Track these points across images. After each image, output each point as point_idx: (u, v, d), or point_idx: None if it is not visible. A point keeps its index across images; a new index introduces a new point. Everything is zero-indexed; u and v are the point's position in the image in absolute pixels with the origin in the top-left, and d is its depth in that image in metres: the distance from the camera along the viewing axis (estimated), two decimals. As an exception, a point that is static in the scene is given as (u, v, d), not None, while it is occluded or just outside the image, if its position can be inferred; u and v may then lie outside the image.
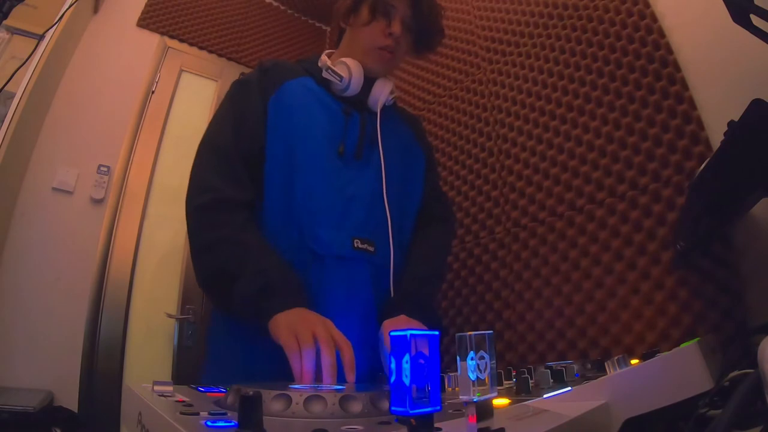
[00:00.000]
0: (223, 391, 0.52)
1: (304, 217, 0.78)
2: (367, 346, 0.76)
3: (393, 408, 0.26)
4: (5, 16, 0.96)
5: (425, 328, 0.72)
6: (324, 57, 0.91)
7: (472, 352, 0.28)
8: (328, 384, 0.56)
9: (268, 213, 0.80)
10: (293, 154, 0.81)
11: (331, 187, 0.81)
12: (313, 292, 0.74)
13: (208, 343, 0.85)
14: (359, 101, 0.90)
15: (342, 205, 0.81)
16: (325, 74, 0.88)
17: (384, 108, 0.93)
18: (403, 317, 0.75)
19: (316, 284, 0.75)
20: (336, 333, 0.63)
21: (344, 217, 0.80)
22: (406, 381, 0.26)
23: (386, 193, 0.85)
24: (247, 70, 2.20)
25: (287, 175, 0.80)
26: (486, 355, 0.29)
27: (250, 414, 0.28)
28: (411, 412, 0.26)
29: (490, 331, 0.29)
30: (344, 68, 0.88)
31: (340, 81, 0.87)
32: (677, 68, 0.97)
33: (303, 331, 0.61)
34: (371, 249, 0.81)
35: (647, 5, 1.06)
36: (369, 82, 0.91)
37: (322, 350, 0.59)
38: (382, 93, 0.92)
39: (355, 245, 0.79)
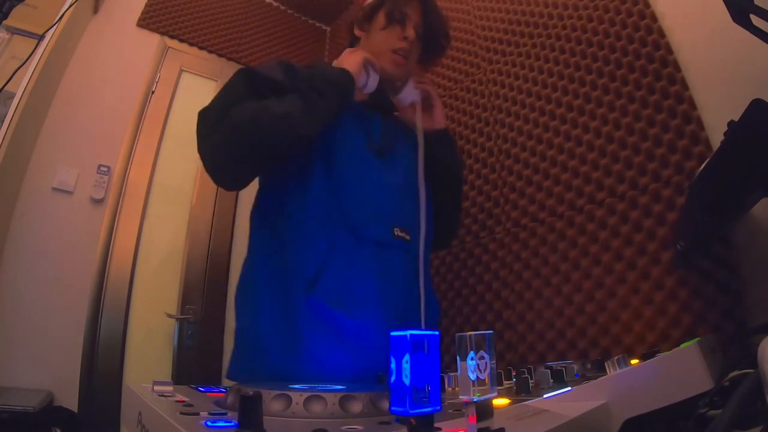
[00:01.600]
0: (223, 391, 0.52)
1: (348, 207, 0.83)
2: (405, 327, 0.77)
3: (393, 408, 0.26)
4: (5, 16, 0.96)
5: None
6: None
7: (472, 352, 0.28)
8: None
9: (312, 200, 0.84)
10: (332, 151, 0.86)
11: (369, 180, 0.87)
12: (358, 274, 0.80)
13: (236, 333, 0.87)
14: (374, 104, 0.97)
15: (380, 196, 0.87)
16: None
17: (395, 114, 1.02)
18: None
19: (360, 267, 0.81)
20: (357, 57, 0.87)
21: (383, 208, 0.87)
22: (406, 381, 0.26)
23: (419, 182, 0.91)
24: (247, 70, 2.21)
25: (328, 168, 0.85)
26: (486, 355, 0.29)
27: (250, 414, 0.28)
28: (411, 412, 0.26)
29: (490, 331, 0.30)
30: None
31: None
32: (677, 68, 0.97)
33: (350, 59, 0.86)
34: (407, 237, 0.88)
35: (647, 5, 1.06)
36: (383, 85, 0.97)
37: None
38: (412, 92, 1.01)
39: (395, 233, 0.86)
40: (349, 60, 0.87)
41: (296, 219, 0.83)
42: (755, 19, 0.60)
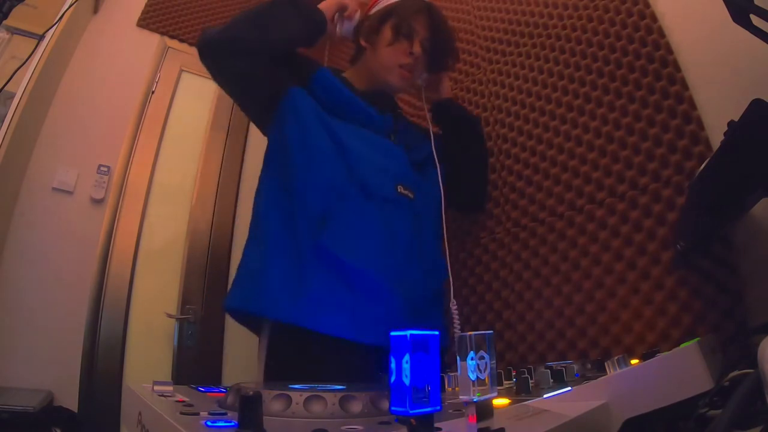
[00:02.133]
0: (223, 391, 0.52)
1: (353, 161, 0.88)
2: (407, 284, 0.85)
3: (393, 408, 0.26)
4: (5, 16, 0.96)
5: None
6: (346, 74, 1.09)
7: (472, 352, 0.28)
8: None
9: (320, 155, 0.88)
10: (341, 123, 0.92)
11: (374, 144, 0.93)
12: (363, 225, 0.84)
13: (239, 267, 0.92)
14: (384, 108, 1.01)
15: (385, 158, 0.93)
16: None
17: (398, 112, 1.09)
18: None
19: (366, 219, 0.85)
20: None
21: (388, 167, 0.92)
22: (406, 381, 0.26)
23: (435, 149, 1.02)
24: (247, 70, 2.21)
25: (335, 133, 0.90)
26: (486, 355, 0.29)
27: (250, 414, 0.28)
28: (411, 412, 0.26)
29: (490, 331, 0.29)
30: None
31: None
32: (677, 68, 0.97)
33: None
34: (411, 195, 0.93)
35: (647, 5, 1.06)
36: (387, 95, 1.05)
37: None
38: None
39: (399, 190, 0.91)
40: (324, 4, 0.97)
41: (302, 169, 0.87)
42: (755, 19, 0.60)
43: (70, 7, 1.42)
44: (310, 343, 0.74)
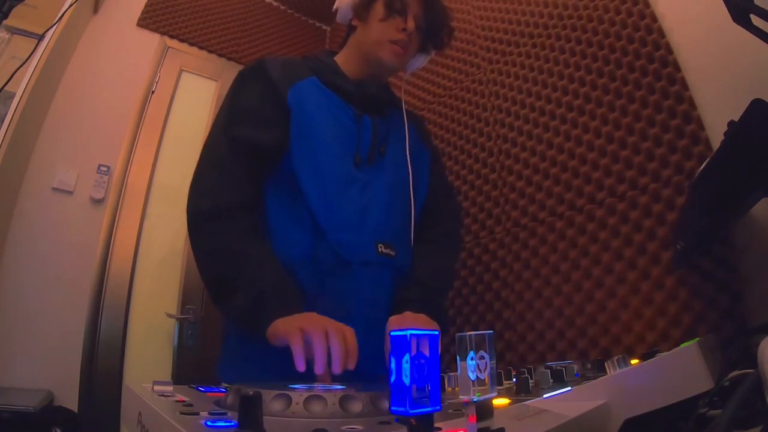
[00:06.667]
0: (223, 391, 0.52)
1: (326, 224, 0.77)
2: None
3: (393, 408, 0.26)
4: (5, 16, 0.96)
5: (431, 321, 0.73)
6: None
7: (472, 352, 0.28)
8: (336, 372, 0.57)
9: (276, 216, 0.80)
10: (312, 161, 0.81)
11: (349, 193, 0.81)
12: (339, 297, 0.75)
13: (223, 339, 0.85)
14: (369, 101, 0.91)
15: (360, 210, 0.81)
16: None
17: (391, 108, 0.96)
18: (408, 314, 0.74)
19: (342, 290, 0.76)
20: (339, 324, 0.63)
21: (364, 223, 0.80)
22: (406, 381, 0.26)
23: (413, 194, 0.88)
24: (247, 70, 2.20)
25: (308, 184, 0.79)
26: (486, 355, 0.29)
27: (250, 414, 0.28)
28: (411, 412, 0.26)
29: (490, 331, 0.29)
30: None
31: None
32: (677, 68, 0.97)
33: (309, 324, 0.61)
34: (393, 254, 0.82)
35: (647, 5, 1.06)
36: (378, 81, 0.93)
37: (331, 338, 0.59)
38: (417, 61, 0.99)
39: (380, 250, 0.80)
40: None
41: (279, 235, 0.78)
42: (755, 19, 0.60)
43: (70, 7, 1.42)
44: None
